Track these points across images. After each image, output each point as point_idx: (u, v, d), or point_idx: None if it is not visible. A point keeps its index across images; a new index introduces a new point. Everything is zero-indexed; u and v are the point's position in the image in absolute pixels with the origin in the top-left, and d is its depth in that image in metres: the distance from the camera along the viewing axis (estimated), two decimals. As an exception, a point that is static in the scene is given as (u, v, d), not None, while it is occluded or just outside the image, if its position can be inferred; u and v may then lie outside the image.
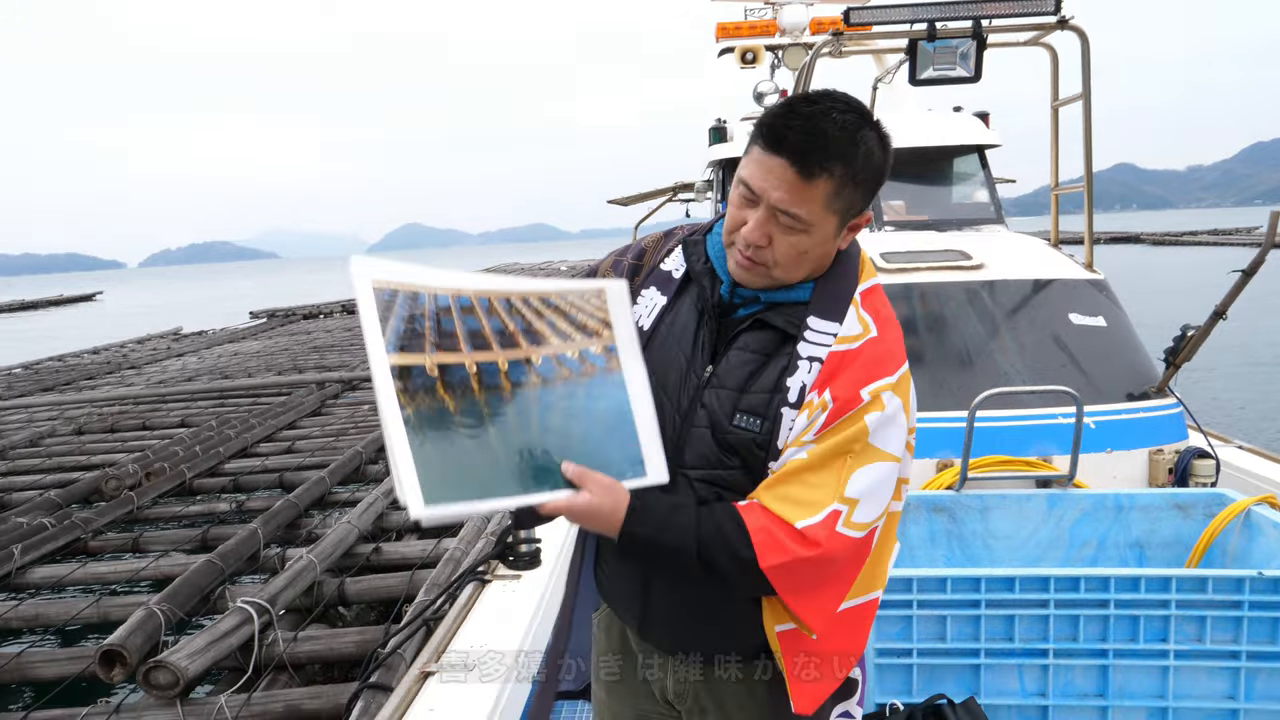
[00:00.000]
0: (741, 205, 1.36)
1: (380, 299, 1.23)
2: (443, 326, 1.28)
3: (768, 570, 1.29)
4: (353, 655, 4.38)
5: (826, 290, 1.41)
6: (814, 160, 1.28)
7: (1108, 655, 2.43)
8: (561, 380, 1.35)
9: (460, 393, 1.27)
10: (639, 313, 1.50)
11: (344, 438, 9.04)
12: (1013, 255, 4.53)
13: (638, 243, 1.60)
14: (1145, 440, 3.72)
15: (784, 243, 1.35)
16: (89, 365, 17.62)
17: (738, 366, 1.42)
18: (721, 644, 1.52)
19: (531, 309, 1.38)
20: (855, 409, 1.32)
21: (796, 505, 1.30)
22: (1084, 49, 4.20)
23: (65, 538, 6.19)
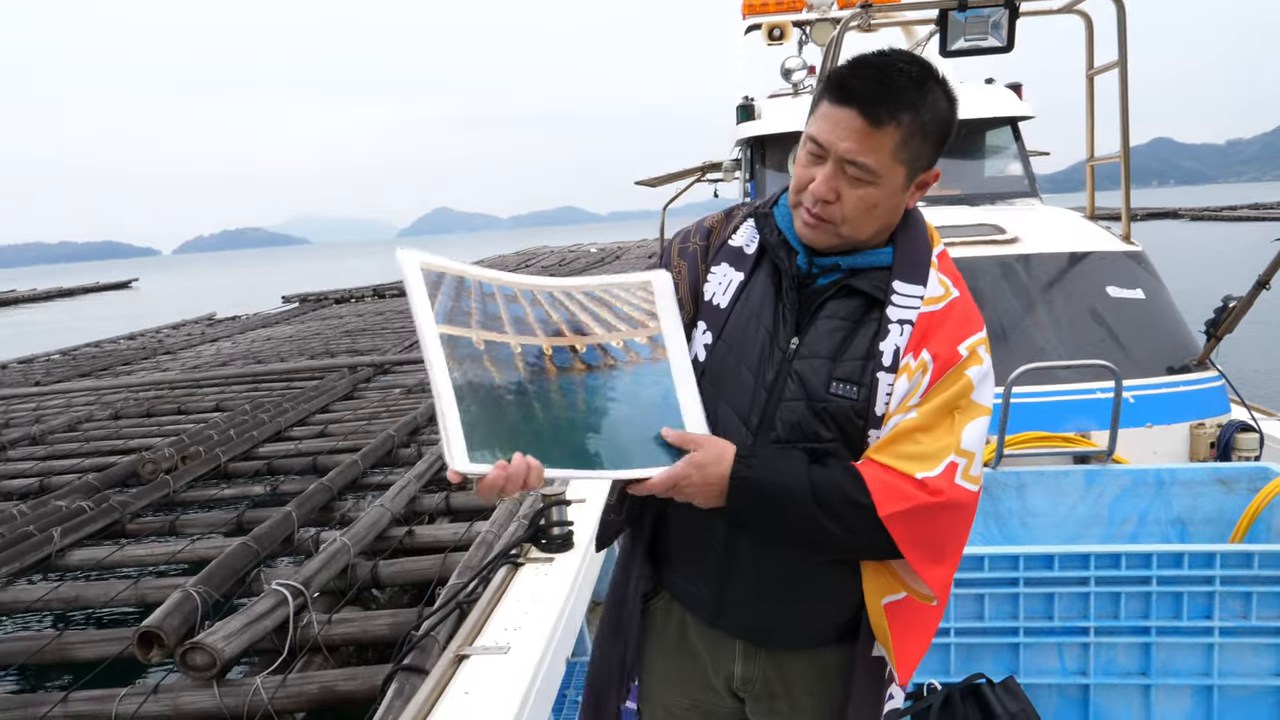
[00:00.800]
0: (808, 163, 1.37)
1: (428, 278, 1.26)
2: (488, 309, 1.30)
3: (887, 519, 1.28)
4: (386, 637, 4.41)
5: (906, 254, 1.42)
6: (882, 108, 1.30)
7: (1150, 633, 2.38)
8: (606, 367, 1.37)
9: (505, 367, 1.28)
10: (713, 290, 1.49)
11: (376, 421, 9.10)
12: (1048, 228, 4.44)
13: (701, 223, 1.58)
14: (1186, 414, 3.63)
15: (852, 196, 1.35)
16: (125, 351, 17.87)
17: (827, 335, 1.41)
18: (801, 626, 1.50)
19: (575, 302, 1.39)
20: (956, 365, 1.34)
21: (914, 459, 1.31)
22: (1120, 15, 4.09)
23: (103, 520, 6.29)
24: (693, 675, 1.60)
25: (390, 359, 13.16)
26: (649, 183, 11.76)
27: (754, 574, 1.46)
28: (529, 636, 2.49)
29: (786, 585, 1.46)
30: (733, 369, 1.44)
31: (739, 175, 8.04)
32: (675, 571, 1.57)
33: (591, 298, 1.42)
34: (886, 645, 1.42)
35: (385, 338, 16.76)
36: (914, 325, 1.36)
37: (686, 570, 1.54)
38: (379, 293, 30.14)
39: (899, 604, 1.39)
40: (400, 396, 10.53)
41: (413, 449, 7.85)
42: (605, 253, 48.52)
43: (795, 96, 6.99)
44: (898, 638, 1.40)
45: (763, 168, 6.47)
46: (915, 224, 1.46)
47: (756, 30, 8.02)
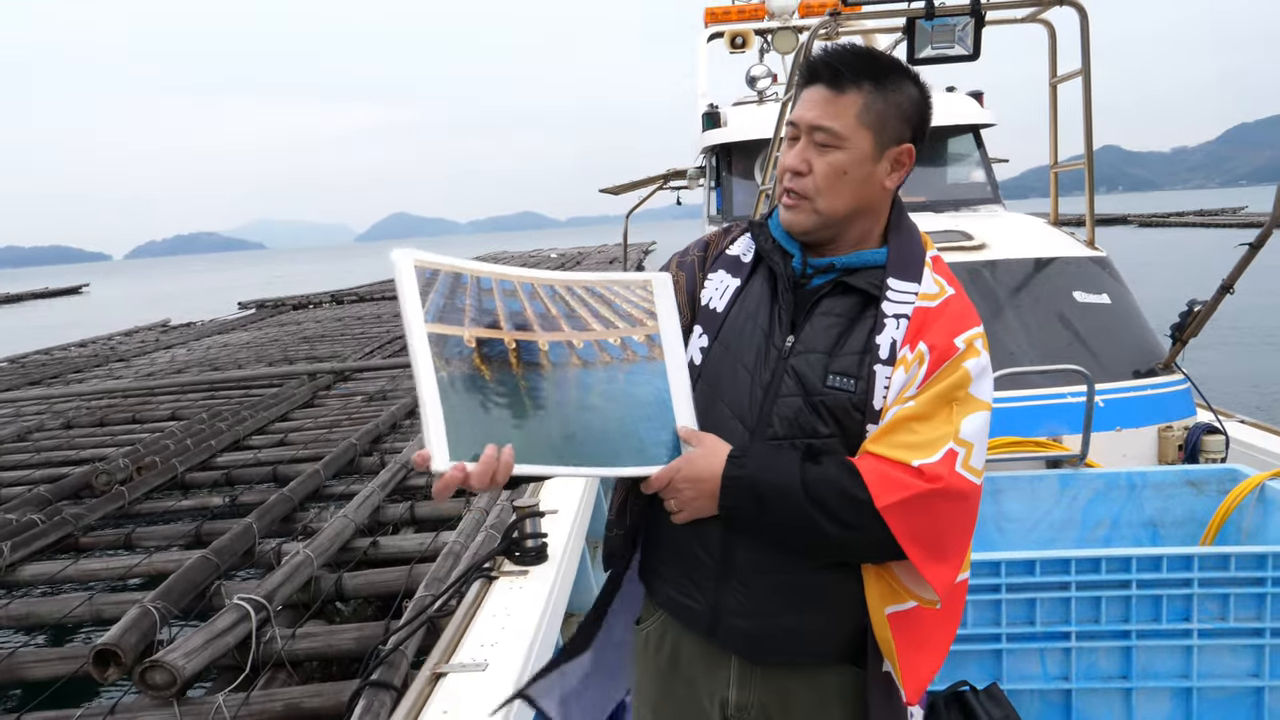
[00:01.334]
0: (788, 149, 1.43)
1: (421, 275, 1.23)
2: (483, 305, 1.28)
3: (885, 510, 1.26)
4: (352, 652, 4.31)
5: (900, 253, 1.44)
6: (844, 76, 1.37)
7: (1130, 636, 2.39)
8: (602, 364, 1.36)
9: (497, 365, 1.27)
10: (710, 295, 1.51)
11: (337, 429, 8.95)
12: (1014, 235, 4.48)
13: (700, 239, 1.62)
14: (1154, 417, 3.67)
15: (821, 164, 1.39)
16: (76, 359, 17.43)
17: (823, 331, 1.42)
18: (803, 643, 1.44)
19: (576, 297, 1.38)
20: (953, 356, 1.34)
21: (911, 448, 1.29)
22: (1083, 24, 4.14)
23: (56, 534, 6.10)
24: (686, 703, 1.55)
25: (351, 365, 12.99)
26: (613, 190, 11.75)
27: (751, 581, 1.42)
28: (506, 653, 2.43)
29: (786, 592, 1.41)
30: (729, 370, 1.45)
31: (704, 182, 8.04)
32: (668, 584, 1.52)
33: (592, 294, 1.41)
34: (892, 659, 1.38)
35: (345, 344, 16.54)
36: (910, 319, 1.37)
37: (680, 582, 1.50)
38: (337, 299, 29.78)
39: (905, 615, 1.35)
40: (361, 404, 10.38)
41: (375, 458, 7.73)
42: (565, 257, 48.40)
43: (760, 104, 7.00)
44: (903, 652, 1.36)
45: (729, 175, 6.47)
46: (908, 228, 1.49)
47: (719, 39, 8.04)
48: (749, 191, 6.22)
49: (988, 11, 3.88)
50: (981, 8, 3.82)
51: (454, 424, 1.19)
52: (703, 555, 1.45)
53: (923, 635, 1.36)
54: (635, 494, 1.49)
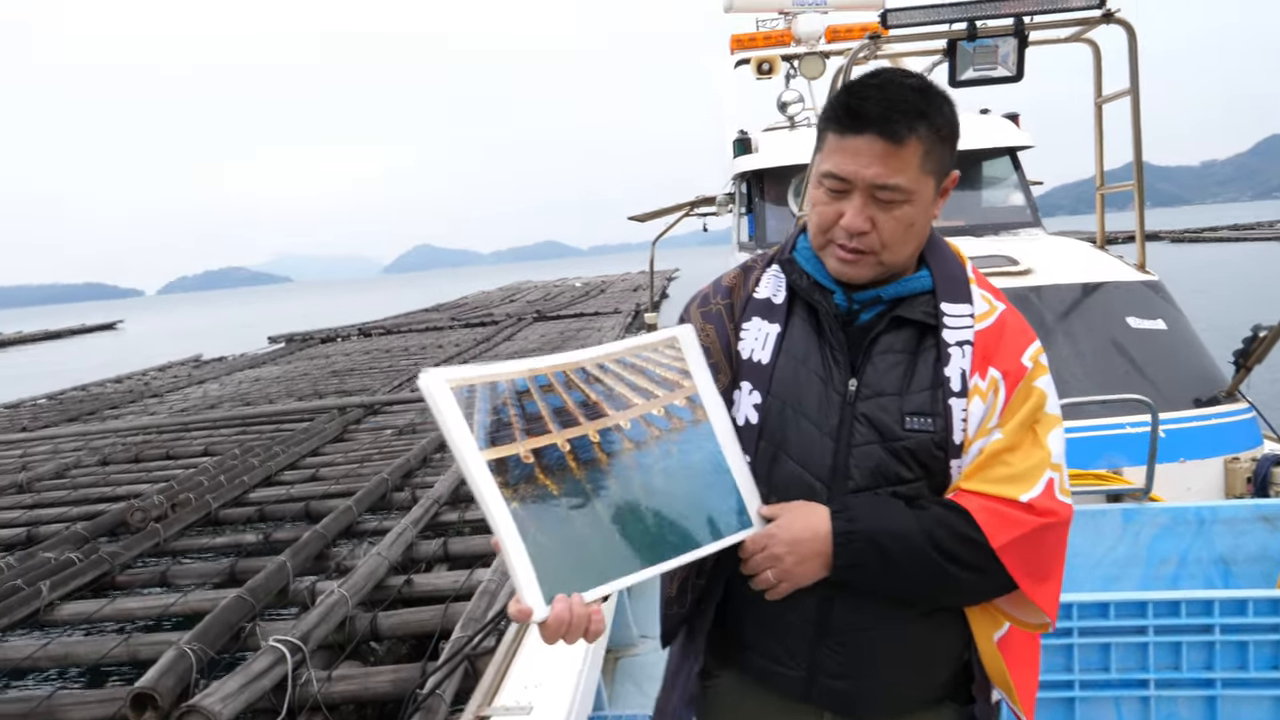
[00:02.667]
0: (830, 200, 1.33)
1: (460, 397, 1.20)
2: (527, 410, 1.25)
3: (1001, 550, 1.23)
4: (388, 694, 4.22)
5: (944, 274, 1.39)
6: (900, 125, 1.27)
7: (1215, 685, 2.25)
8: (654, 440, 1.32)
9: (559, 474, 1.23)
10: (751, 347, 1.42)
11: (368, 464, 8.93)
12: (1060, 259, 4.37)
13: (718, 283, 1.52)
14: (1220, 448, 3.53)
15: (888, 220, 1.31)
16: (112, 394, 17.65)
17: (888, 370, 1.35)
18: (904, 693, 1.39)
19: (609, 374, 1.34)
20: (1025, 377, 1.32)
21: (1011, 482, 1.26)
22: (1131, 43, 4.05)
23: (93, 572, 6.09)
24: None
25: (380, 399, 13.00)
26: (640, 218, 11.74)
27: (849, 640, 1.36)
28: (551, 694, 2.35)
29: (884, 646, 1.36)
30: (792, 422, 1.37)
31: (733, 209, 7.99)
32: (753, 650, 1.45)
33: (624, 365, 1.36)
34: (1007, 685, 1.35)
35: (373, 377, 16.60)
36: (973, 345, 1.33)
37: (767, 648, 1.42)
38: (365, 331, 29.99)
39: (1007, 638, 1.34)
40: (391, 438, 10.37)
41: (407, 493, 7.68)
42: (590, 286, 48.60)
43: (793, 129, 6.95)
44: (1016, 672, 1.34)
45: (761, 201, 6.41)
46: (940, 244, 1.44)
47: (745, 65, 8.01)
48: (782, 218, 6.15)
49: (1031, 31, 3.79)
50: (1025, 28, 3.74)
51: (539, 560, 1.16)
52: (795, 621, 1.38)
53: (1026, 654, 1.36)
54: (696, 573, 1.43)
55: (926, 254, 1.41)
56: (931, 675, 1.40)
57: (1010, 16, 3.80)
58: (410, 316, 36.81)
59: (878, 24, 4.00)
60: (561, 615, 1.14)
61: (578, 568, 1.18)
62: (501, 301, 42.50)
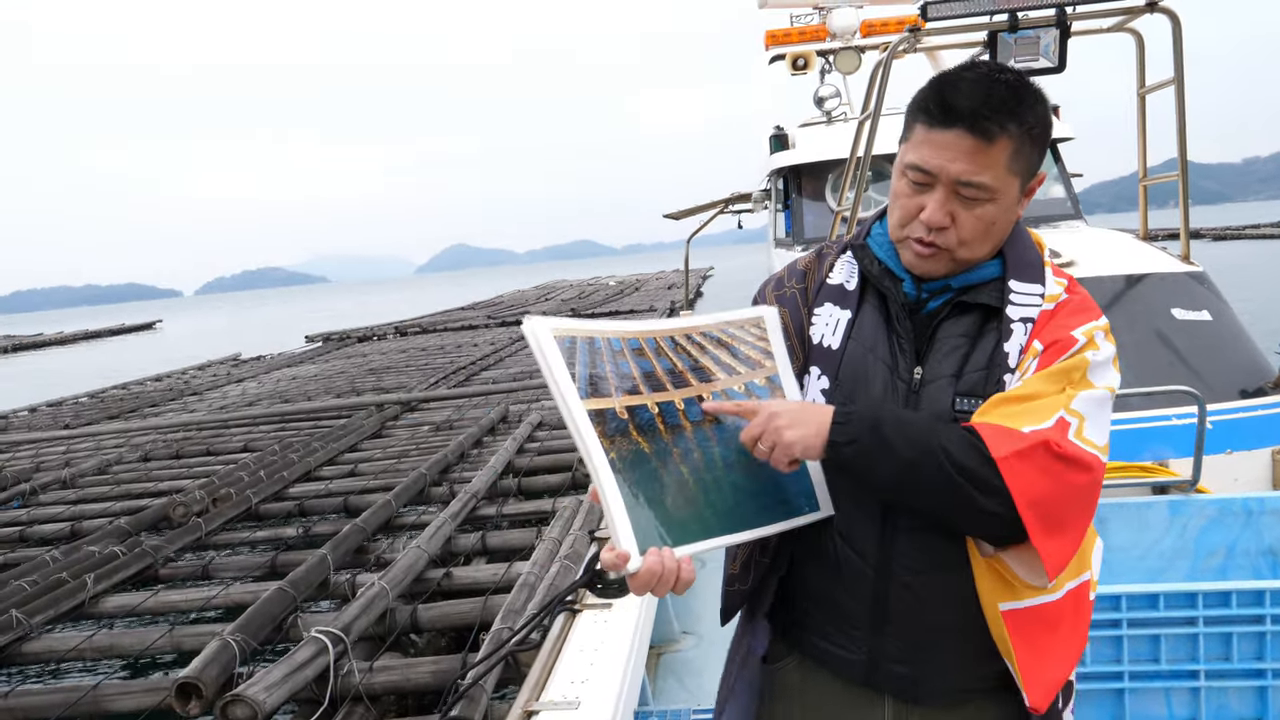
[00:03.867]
0: (913, 193, 1.32)
1: (563, 346, 1.23)
2: (620, 369, 1.28)
3: (1001, 461, 1.18)
4: (429, 686, 4.26)
5: (1018, 259, 1.37)
6: (991, 122, 1.25)
7: (1266, 676, 2.23)
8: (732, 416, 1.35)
9: (650, 435, 1.27)
10: (822, 332, 1.43)
11: (405, 459, 9.01)
12: (1104, 251, 4.32)
13: (794, 266, 1.53)
14: (1268, 439, 3.48)
15: (969, 218, 1.30)
16: (152, 393, 17.93)
17: (947, 355, 1.35)
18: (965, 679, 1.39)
19: (695, 345, 1.37)
20: (1073, 348, 1.28)
21: (1019, 416, 1.22)
22: (1175, 32, 3.98)
23: (136, 565, 6.20)
24: None
25: (417, 396, 13.11)
26: (675, 216, 11.75)
27: (907, 627, 1.36)
28: (597, 689, 2.36)
29: (944, 634, 1.36)
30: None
31: (769, 205, 7.96)
32: (813, 633, 1.46)
33: (710, 339, 1.40)
34: (1010, 658, 1.31)
35: (410, 375, 16.73)
36: (1035, 321, 1.32)
37: (829, 631, 1.44)
38: (401, 330, 30.24)
39: (1022, 613, 1.29)
40: (429, 434, 10.45)
41: (445, 487, 7.74)
42: (624, 285, 48.64)
43: (829, 124, 6.92)
44: (1021, 650, 1.29)
45: (799, 197, 6.40)
46: (1021, 233, 1.42)
47: (780, 61, 7.99)
48: (820, 213, 6.14)
49: (1074, 22, 3.74)
50: (1068, 19, 3.70)
51: (634, 513, 1.20)
52: (852, 605, 1.39)
53: (1043, 637, 1.30)
54: (760, 549, 1.45)
55: (1004, 242, 1.39)
56: (989, 662, 1.38)
57: (1053, 7, 3.75)
58: (446, 315, 37.07)
59: (916, 16, 3.97)
60: (654, 566, 1.17)
61: (666, 525, 1.22)
62: (536, 300, 42.69)
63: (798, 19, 8.31)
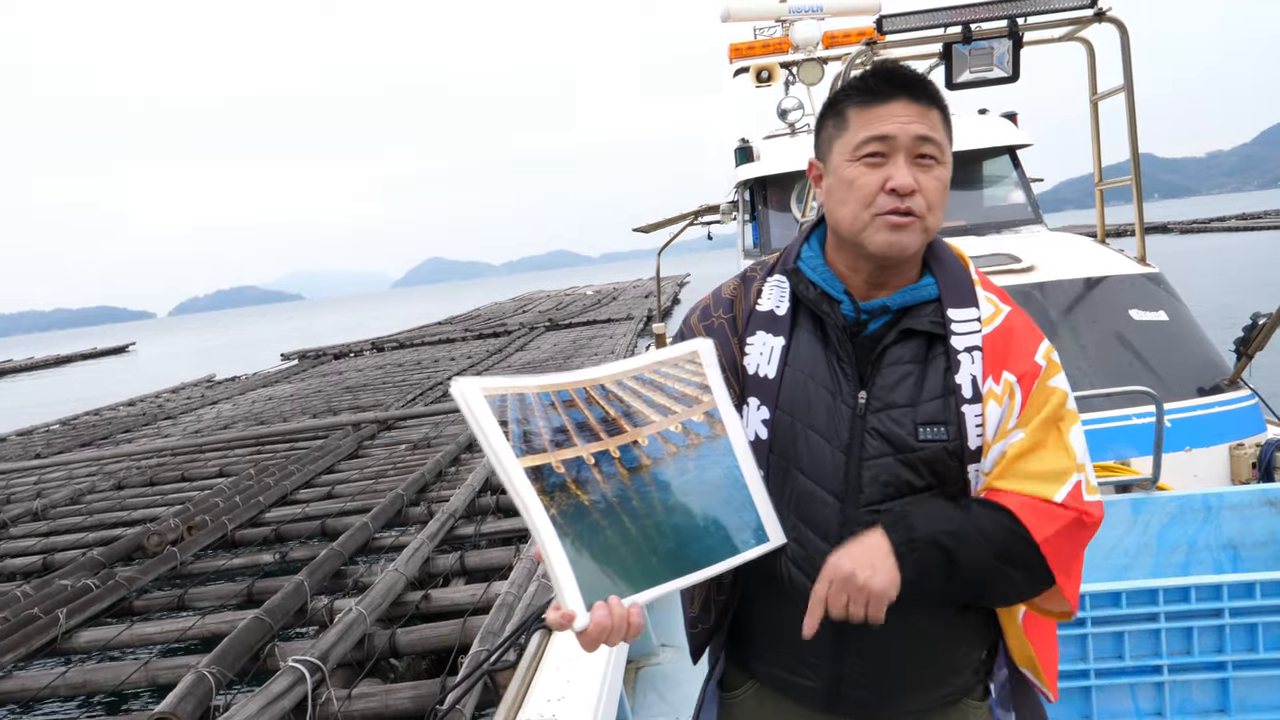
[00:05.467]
0: (870, 168, 1.33)
1: (494, 404, 1.23)
2: (553, 423, 1.27)
3: (1044, 543, 1.25)
4: (409, 711, 4.25)
5: (948, 279, 1.39)
6: (923, 92, 1.33)
7: (1226, 668, 2.27)
8: (670, 456, 1.33)
9: (588, 486, 1.26)
10: (757, 362, 1.42)
11: (383, 480, 8.97)
12: (1062, 255, 4.39)
13: (719, 294, 1.51)
14: (1224, 435, 3.55)
15: (930, 180, 1.33)
16: (125, 418, 17.74)
17: (898, 382, 1.35)
18: (928, 696, 1.41)
19: (628, 390, 1.36)
20: (1040, 376, 1.32)
21: (1041, 480, 1.27)
22: (1123, 40, 4.08)
23: (110, 598, 6.13)
24: None
25: (394, 414, 13.06)
26: (646, 229, 11.79)
27: (869, 650, 1.37)
28: (574, 706, 2.37)
29: (907, 654, 1.37)
30: (802, 437, 1.36)
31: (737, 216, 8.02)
32: (769, 665, 1.46)
33: (642, 382, 1.37)
34: (1033, 664, 1.40)
35: (387, 392, 16.66)
36: (982, 350, 1.33)
37: (786, 660, 1.44)
38: (378, 346, 30.09)
39: (1027, 619, 1.39)
40: (406, 453, 10.41)
41: (423, 507, 7.72)
42: (601, 294, 48.67)
43: (793, 136, 6.98)
44: (1040, 651, 1.39)
45: (765, 209, 6.44)
46: (944, 250, 1.44)
47: (745, 73, 8.06)
48: (786, 224, 6.18)
49: (1025, 32, 3.82)
50: (1019, 29, 3.77)
51: (579, 569, 1.19)
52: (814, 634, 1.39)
53: (1045, 634, 1.41)
54: (716, 588, 1.44)
55: (930, 261, 1.40)
56: (951, 677, 1.41)
57: (1004, 18, 3.83)
58: (423, 330, 36.92)
59: (874, 29, 4.04)
60: (602, 621, 1.15)
61: (611, 577, 1.21)
62: (514, 312, 42.65)
63: (761, 32, 8.39)
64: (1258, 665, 2.27)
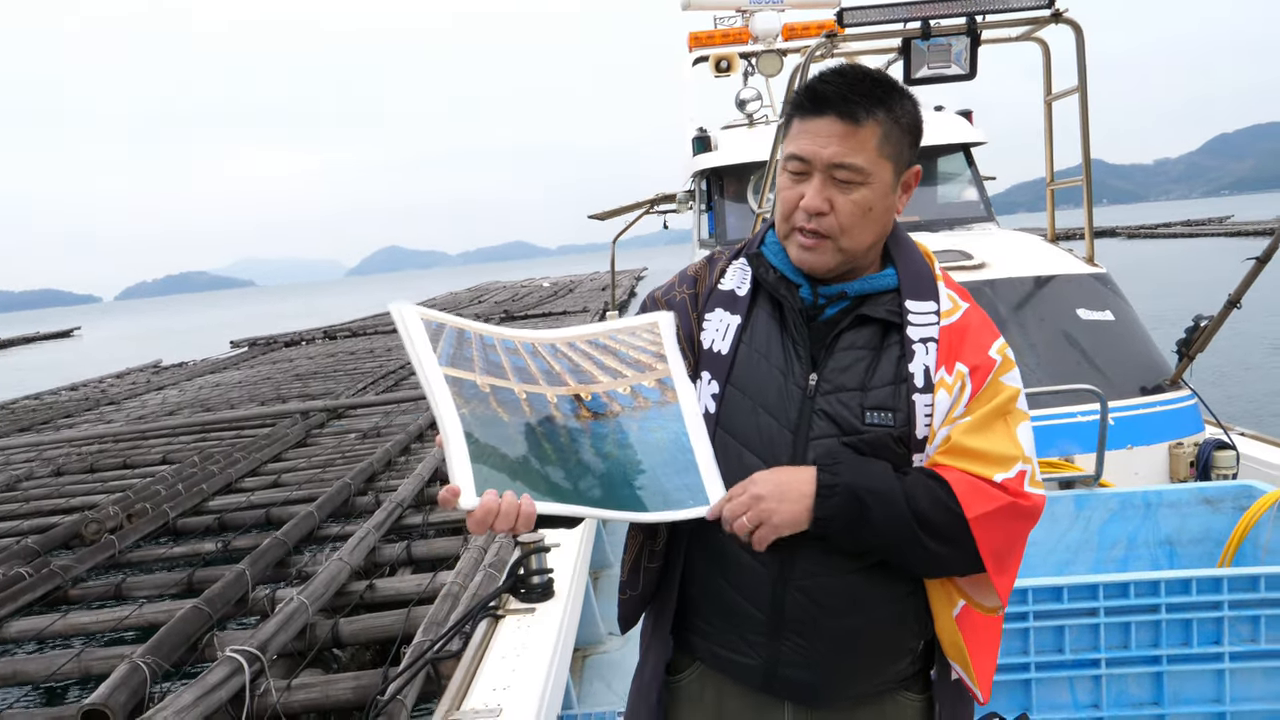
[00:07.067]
0: (793, 183, 1.35)
1: (429, 327, 1.22)
2: (489, 359, 1.25)
3: (974, 521, 1.24)
4: (350, 702, 4.16)
5: (910, 272, 1.40)
6: (858, 106, 1.30)
7: (1161, 662, 2.31)
8: (612, 415, 1.32)
9: (513, 409, 1.23)
10: (711, 338, 1.43)
11: (331, 469, 8.82)
12: (1014, 253, 4.44)
13: (684, 273, 1.54)
14: (1165, 434, 3.62)
15: (846, 202, 1.32)
16: (67, 403, 17.25)
17: (850, 365, 1.36)
18: (865, 681, 1.41)
19: (578, 351, 1.35)
20: (993, 370, 1.33)
21: (985, 462, 1.27)
22: (1079, 42, 4.13)
23: (44, 587, 5.93)
24: None
25: (344, 403, 12.86)
26: (601, 216, 11.74)
27: (807, 631, 1.37)
28: (519, 695, 2.34)
29: (844, 636, 1.37)
30: (749, 414, 1.38)
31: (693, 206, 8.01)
32: (709, 640, 1.46)
33: (596, 346, 1.38)
34: (964, 662, 1.37)
35: (338, 380, 16.41)
36: (938, 341, 1.34)
37: (727, 638, 1.43)
38: (330, 334, 29.64)
39: (964, 616, 1.36)
40: (355, 442, 10.25)
41: (370, 497, 7.59)
42: (558, 286, 48.47)
43: (751, 127, 6.98)
44: (974, 649, 1.36)
45: (721, 199, 6.43)
46: (908, 244, 1.45)
47: (704, 63, 8.04)
48: (742, 215, 6.18)
49: (983, 31, 3.85)
50: (977, 27, 3.80)
51: (478, 459, 1.15)
52: (750, 609, 1.39)
53: (984, 634, 1.38)
54: (648, 555, 1.44)
55: (893, 252, 1.43)
56: (889, 664, 1.41)
57: (962, 16, 3.86)
58: (378, 319, 36.43)
59: (834, 22, 4.04)
60: (489, 504, 1.13)
61: (514, 480, 1.16)
62: (470, 303, 42.25)
63: (721, 21, 8.37)
64: (1191, 659, 2.31)
